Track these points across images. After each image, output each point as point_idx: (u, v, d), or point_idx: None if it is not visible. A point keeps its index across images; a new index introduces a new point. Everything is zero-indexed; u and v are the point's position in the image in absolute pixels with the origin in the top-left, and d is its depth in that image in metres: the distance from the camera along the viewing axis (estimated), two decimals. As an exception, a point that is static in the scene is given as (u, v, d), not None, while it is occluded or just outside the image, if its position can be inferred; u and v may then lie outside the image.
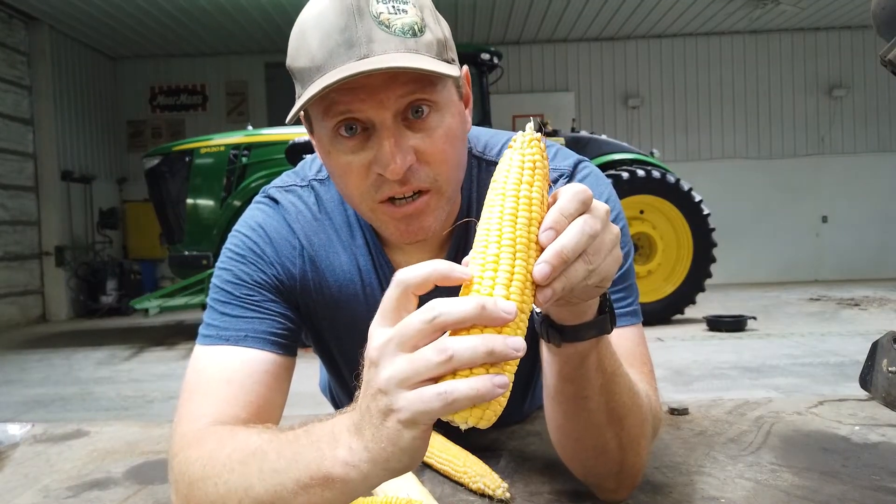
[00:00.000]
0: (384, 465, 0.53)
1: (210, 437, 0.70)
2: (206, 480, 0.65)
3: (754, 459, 0.89)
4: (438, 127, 0.74)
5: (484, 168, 0.90)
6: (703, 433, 1.01)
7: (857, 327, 5.92)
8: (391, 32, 0.70)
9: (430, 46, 0.72)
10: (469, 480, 0.80)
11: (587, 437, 0.73)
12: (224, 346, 0.80)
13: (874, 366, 1.14)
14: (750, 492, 0.79)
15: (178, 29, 9.07)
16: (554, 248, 0.53)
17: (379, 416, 0.52)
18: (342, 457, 0.55)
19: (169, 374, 4.99)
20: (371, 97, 0.70)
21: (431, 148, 0.74)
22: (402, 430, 0.51)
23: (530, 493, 0.80)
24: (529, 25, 9.56)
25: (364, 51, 0.69)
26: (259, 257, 0.86)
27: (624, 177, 6.35)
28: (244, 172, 6.37)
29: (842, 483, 0.80)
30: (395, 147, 0.71)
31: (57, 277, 8.59)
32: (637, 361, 0.81)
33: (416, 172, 0.74)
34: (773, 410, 1.11)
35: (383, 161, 0.72)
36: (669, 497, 0.78)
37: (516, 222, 0.55)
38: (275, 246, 0.87)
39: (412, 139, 0.73)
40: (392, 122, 0.72)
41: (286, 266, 0.86)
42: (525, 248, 0.54)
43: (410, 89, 0.71)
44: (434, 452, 0.87)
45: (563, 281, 0.54)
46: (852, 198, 10.22)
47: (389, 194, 0.75)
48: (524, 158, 0.58)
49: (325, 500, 0.57)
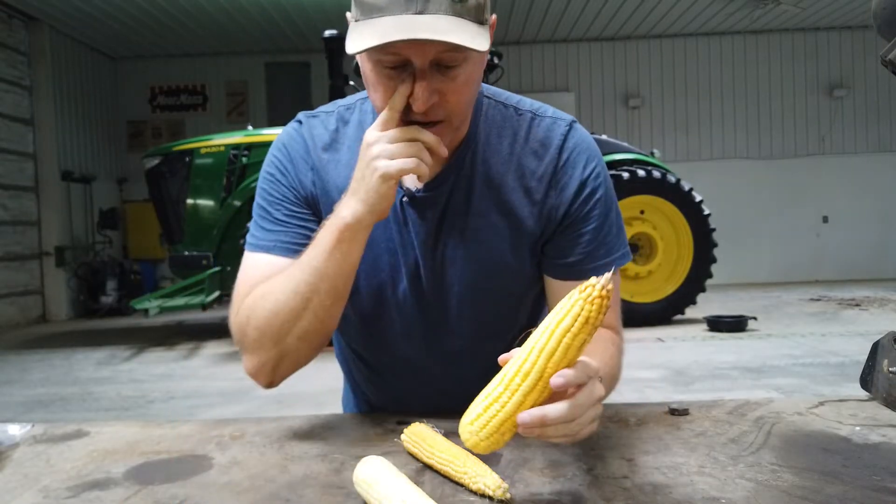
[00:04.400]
0: (370, 207, 0.88)
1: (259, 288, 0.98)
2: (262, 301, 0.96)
3: (755, 460, 0.89)
4: (462, 74, 0.89)
5: (497, 108, 1.05)
6: (704, 433, 1.01)
7: (857, 327, 5.92)
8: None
9: (471, 11, 0.85)
10: (469, 480, 0.80)
11: None
12: (259, 253, 1.02)
13: (875, 366, 1.14)
14: (750, 492, 0.79)
15: (178, 29, 9.08)
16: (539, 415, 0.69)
17: (368, 176, 0.87)
18: (347, 213, 0.89)
19: (169, 374, 4.99)
20: (416, 46, 0.84)
21: (453, 90, 0.89)
22: (381, 182, 0.86)
23: (530, 493, 0.80)
24: (530, 25, 9.56)
25: (420, 6, 0.82)
26: (283, 173, 1.05)
27: (624, 177, 6.35)
28: (244, 172, 6.37)
29: (842, 483, 0.80)
30: (424, 89, 0.87)
31: (57, 278, 8.60)
32: (615, 303, 1.02)
33: (436, 108, 0.90)
34: (773, 411, 1.11)
35: (414, 95, 0.87)
36: (670, 497, 0.78)
37: (546, 364, 0.69)
38: (293, 162, 1.06)
39: (439, 82, 0.88)
40: (427, 67, 0.86)
41: (302, 179, 1.04)
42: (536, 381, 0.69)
43: (448, 47, 0.85)
44: (434, 452, 0.87)
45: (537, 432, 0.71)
46: (853, 198, 10.22)
47: (411, 118, 0.90)
48: (582, 312, 0.67)
49: (342, 250, 0.90)
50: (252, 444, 1.01)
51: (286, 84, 10.27)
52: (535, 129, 1.02)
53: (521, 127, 1.02)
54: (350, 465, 0.91)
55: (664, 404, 1.15)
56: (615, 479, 0.83)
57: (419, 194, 1.00)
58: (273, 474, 0.89)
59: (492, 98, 1.05)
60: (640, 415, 1.11)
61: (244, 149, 6.40)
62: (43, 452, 1.01)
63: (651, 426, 1.05)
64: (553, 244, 1.02)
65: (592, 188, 1.00)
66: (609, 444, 0.97)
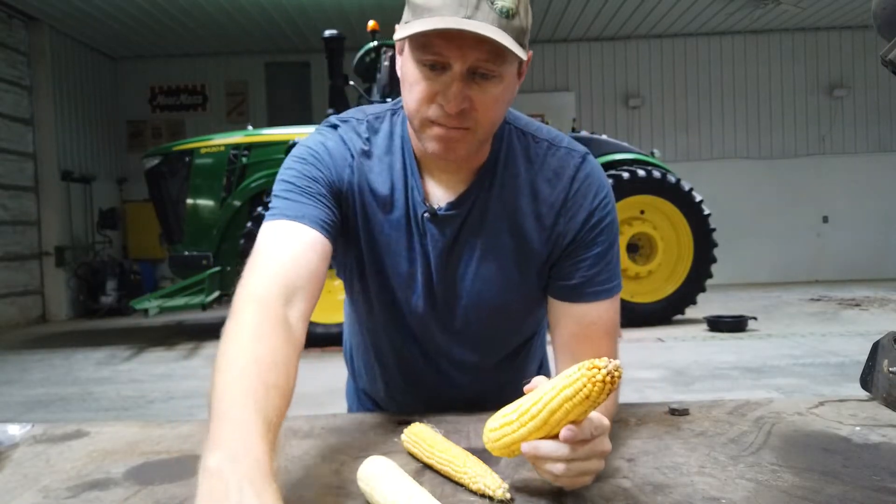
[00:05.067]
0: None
1: (236, 318, 0.86)
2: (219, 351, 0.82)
3: (755, 460, 0.89)
4: (494, 89, 0.93)
5: (516, 135, 1.09)
6: (704, 434, 1.01)
7: (857, 327, 5.92)
8: (492, 8, 0.88)
9: (514, 30, 0.91)
10: (469, 480, 0.80)
11: None
12: (283, 220, 0.97)
13: (875, 366, 1.14)
14: (751, 492, 0.79)
15: (178, 29, 9.08)
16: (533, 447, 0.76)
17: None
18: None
19: (169, 374, 4.99)
20: (459, 49, 0.89)
21: (483, 102, 0.93)
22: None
23: (530, 493, 0.80)
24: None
25: (469, 13, 0.87)
26: (318, 160, 1.04)
27: (624, 177, 6.35)
28: (244, 172, 6.37)
29: (843, 483, 0.80)
30: (459, 92, 0.91)
31: (57, 278, 8.60)
32: (607, 332, 1.05)
33: (466, 114, 0.93)
34: (773, 411, 1.11)
35: (448, 96, 0.91)
36: (670, 497, 0.78)
37: (549, 417, 0.74)
38: (332, 156, 1.05)
39: (473, 90, 0.92)
40: (465, 72, 0.90)
41: (339, 173, 1.04)
42: (541, 425, 0.75)
43: (488, 57, 0.90)
44: (434, 452, 0.87)
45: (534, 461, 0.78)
46: (853, 198, 10.22)
47: (441, 120, 0.94)
48: (583, 389, 0.71)
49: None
50: (252, 444, 1.01)
51: (286, 84, 10.29)
52: (550, 158, 1.06)
53: (538, 155, 1.07)
54: (350, 465, 0.91)
55: (664, 404, 1.15)
56: (615, 480, 0.83)
57: (441, 213, 1.04)
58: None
59: (513, 124, 1.10)
60: (640, 415, 1.11)
61: (244, 149, 6.40)
62: (43, 452, 1.01)
63: (651, 426, 1.05)
64: (557, 266, 1.07)
65: (600, 217, 1.05)
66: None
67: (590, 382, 0.71)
